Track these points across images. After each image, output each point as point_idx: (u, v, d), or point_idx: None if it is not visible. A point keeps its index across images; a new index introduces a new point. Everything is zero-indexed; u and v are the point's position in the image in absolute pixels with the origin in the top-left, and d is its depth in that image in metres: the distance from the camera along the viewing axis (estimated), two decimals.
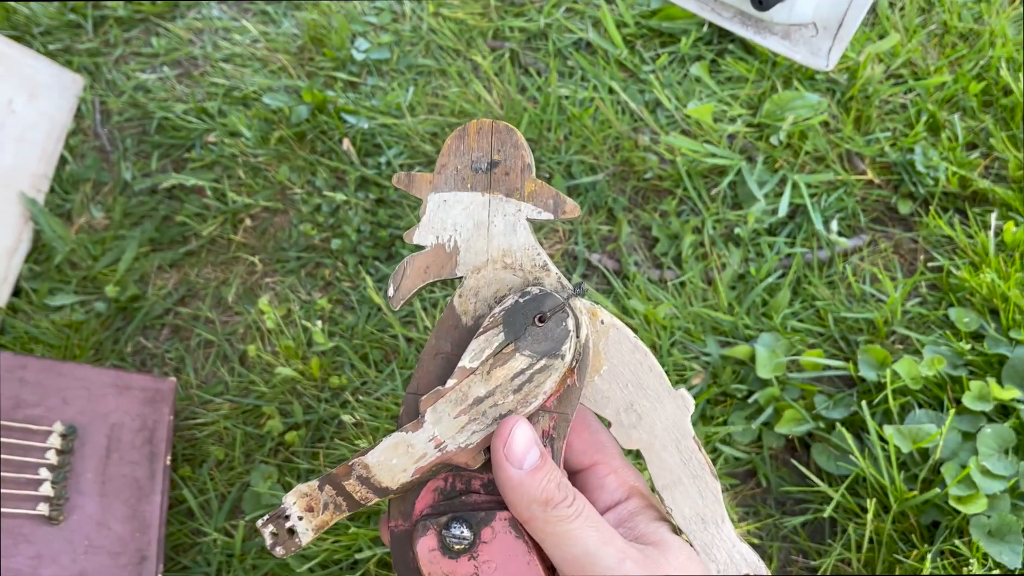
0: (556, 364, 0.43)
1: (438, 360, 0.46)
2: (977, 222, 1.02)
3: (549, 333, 0.43)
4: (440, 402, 0.43)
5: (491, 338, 0.43)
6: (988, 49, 1.15)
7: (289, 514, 0.44)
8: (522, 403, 0.43)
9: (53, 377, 0.89)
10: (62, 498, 0.83)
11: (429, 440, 0.43)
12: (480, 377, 0.43)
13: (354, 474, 0.44)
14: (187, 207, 1.15)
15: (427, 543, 0.42)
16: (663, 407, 0.46)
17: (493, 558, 0.42)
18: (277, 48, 1.28)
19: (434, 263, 0.47)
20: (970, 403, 0.86)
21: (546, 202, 0.47)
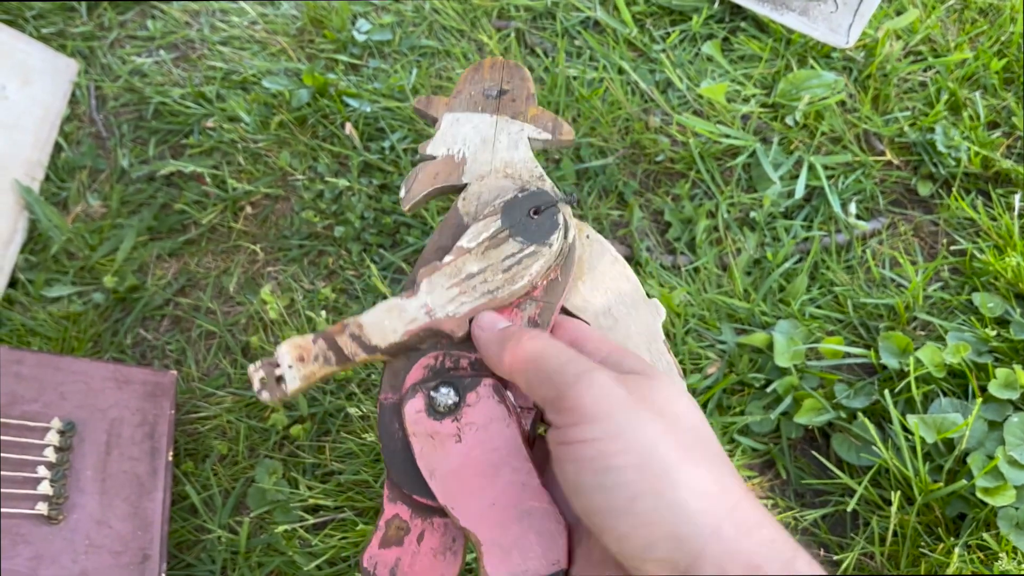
0: (543, 251, 0.47)
1: (439, 253, 0.50)
2: (1001, 203, 0.99)
3: (541, 225, 0.48)
4: (436, 274, 0.47)
5: (489, 224, 0.48)
6: (1009, 25, 1.11)
7: (280, 363, 0.46)
8: (509, 281, 0.47)
9: (51, 372, 0.86)
10: (61, 496, 0.80)
11: (421, 307, 0.47)
12: (475, 256, 0.47)
13: (347, 331, 0.47)
14: (186, 194, 1.12)
15: (415, 405, 0.44)
16: (638, 313, 0.51)
17: (475, 420, 0.44)
18: (276, 30, 1.25)
19: (443, 170, 0.53)
20: (996, 391, 0.84)
21: (546, 124, 0.54)
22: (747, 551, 0.34)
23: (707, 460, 0.37)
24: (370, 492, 0.88)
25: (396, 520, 0.46)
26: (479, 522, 0.42)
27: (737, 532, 0.35)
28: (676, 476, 0.36)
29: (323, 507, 0.88)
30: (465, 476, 0.43)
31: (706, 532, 0.34)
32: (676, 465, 0.36)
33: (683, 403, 0.40)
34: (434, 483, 0.43)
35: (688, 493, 0.35)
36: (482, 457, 0.43)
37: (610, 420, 0.37)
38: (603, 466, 0.37)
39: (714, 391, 0.90)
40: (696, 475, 0.36)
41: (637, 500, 0.35)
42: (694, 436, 0.38)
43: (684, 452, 0.37)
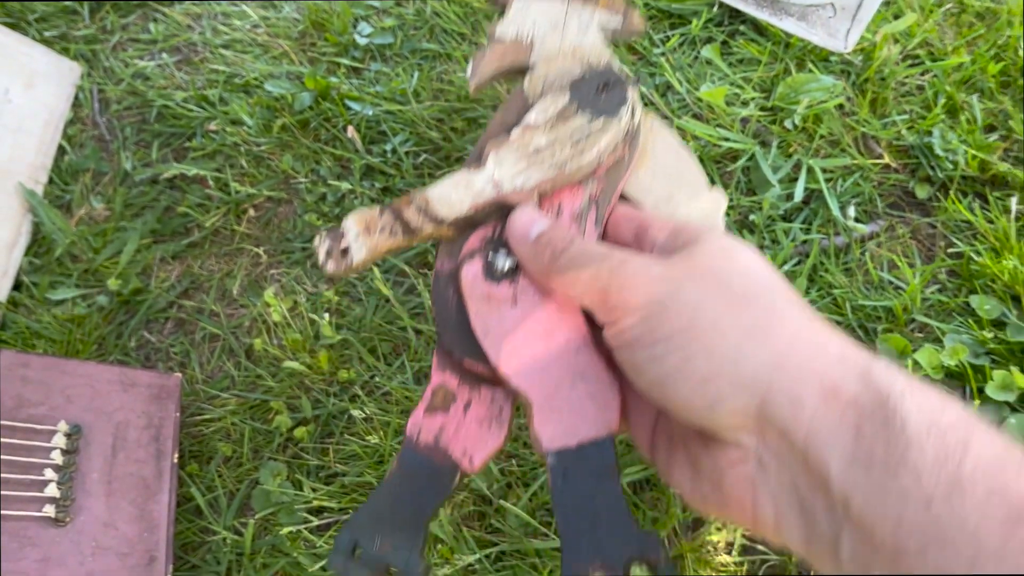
0: (612, 125, 0.47)
1: (505, 128, 0.49)
2: (998, 206, 1.00)
3: (609, 100, 0.47)
4: (503, 148, 0.47)
5: (557, 99, 0.48)
6: (1006, 29, 1.12)
7: (347, 234, 0.46)
8: (577, 155, 0.46)
9: (56, 375, 0.87)
10: (68, 499, 0.81)
11: (488, 180, 0.46)
12: (543, 130, 0.47)
13: (414, 204, 0.46)
14: (189, 197, 1.12)
15: (472, 268, 0.45)
16: (699, 201, 0.50)
17: (532, 284, 0.44)
18: (278, 33, 1.26)
19: (510, 52, 0.52)
20: (993, 393, 0.85)
21: (616, 11, 0.53)
22: (818, 372, 0.33)
23: (759, 302, 0.36)
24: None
25: (443, 389, 0.45)
26: (531, 383, 0.42)
27: (801, 359, 0.34)
28: (725, 325, 0.35)
29: (327, 509, 0.89)
30: (519, 338, 0.43)
31: (767, 368, 0.34)
32: (724, 315, 0.35)
33: (736, 254, 0.38)
34: (487, 343, 0.43)
35: (740, 337, 0.35)
36: (536, 321, 0.43)
37: (651, 301, 0.37)
38: (651, 340, 0.36)
39: None
40: (746, 318, 0.35)
41: (690, 360, 0.35)
42: (745, 284, 0.37)
43: (732, 302, 0.36)
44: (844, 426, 0.32)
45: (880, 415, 0.32)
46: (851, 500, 0.31)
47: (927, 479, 0.30)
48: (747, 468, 0.35)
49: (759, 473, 0.35)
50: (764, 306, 0.36)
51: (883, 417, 0.32)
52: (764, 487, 0.35)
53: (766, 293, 0.37)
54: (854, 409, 0.32)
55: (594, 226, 0.47)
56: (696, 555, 0.83)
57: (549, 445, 0.41)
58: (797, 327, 0.35)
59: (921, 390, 0.32)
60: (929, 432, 0.31)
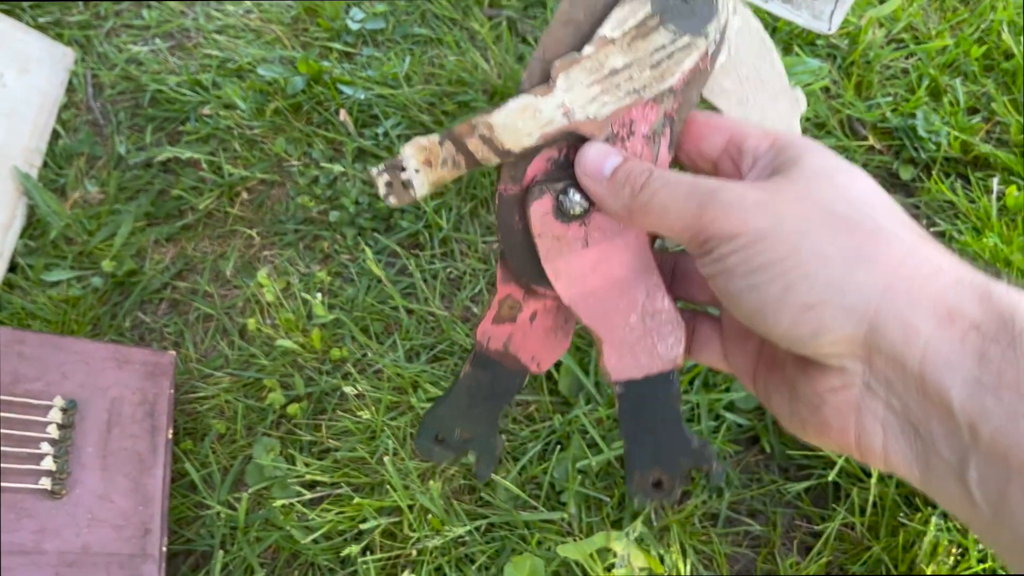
0: (698, 43, 0.42)
1: (569, 27, 0.44)
2: (979, 187, 1.01)
3: (696, 10, 0.42)
4: (575, 68, 0.42)
5: (636, 8, 0.41)
6: (989, 13, 1.14)
7: (406, 166, 0.43)
8: (657, 79, 0.42)
9: (52, 351, 0.88)
10: (64, 472, 0.82)
11: (558, 107, 0.42)
12: (619, 48, 0.41)
13: (477, 133, 0.43)
14: (183, 181, 1.14)
15: (542, 206, 0.42)
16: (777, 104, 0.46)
17: (603, 226, 0.42)
18: (271, 18, 1.27)
19: None
20: None
21: None
22: (932, 296, 0.32)
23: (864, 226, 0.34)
24: (366, 468, 0.90)
25: (509, 299, 0.46)
26: (602, 322, 0.43)
27: (912, 282, 0.32)
28: (829, 252, 0.33)
29: (320, 483, 0.90)
30: (590, 278, 0.43)
31: (875, 293, 0.32)
32: (827, 242, 0.33)
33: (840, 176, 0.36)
34: (559, 284, 0.43)
35: (845, 263, 0.33)
36: (607, 262, 0.43)
37: (748, 228, 0.35)
38: (749, 269, 0.35)
39: (700, 368, 0.92)
40: (852, 244, 0.33)
41: (791, 289, 0.33)
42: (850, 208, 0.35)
43: (836, 227, 0.34)
44: (966, 350, 0.31)
45: (1006, 338, 0.30)
46: (979, 426, 0.30)
47: None
48: (851, 394, 0.34)
49: (866, 399, 0.34)
50: (871, 230, 0.34)
51: (1009, 339, 0.30)
52: (871, 414, 0.34)
53: (873, 216, 0.34)
54: (976, 332, 0.31)
55: (667, 149, 0.44)
56: (682, 527, 0.85)
57: (618, 376, 0.43)
58: (907, 249, 0.33)
59: None
60: None
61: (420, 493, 0.86)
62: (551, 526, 0.86)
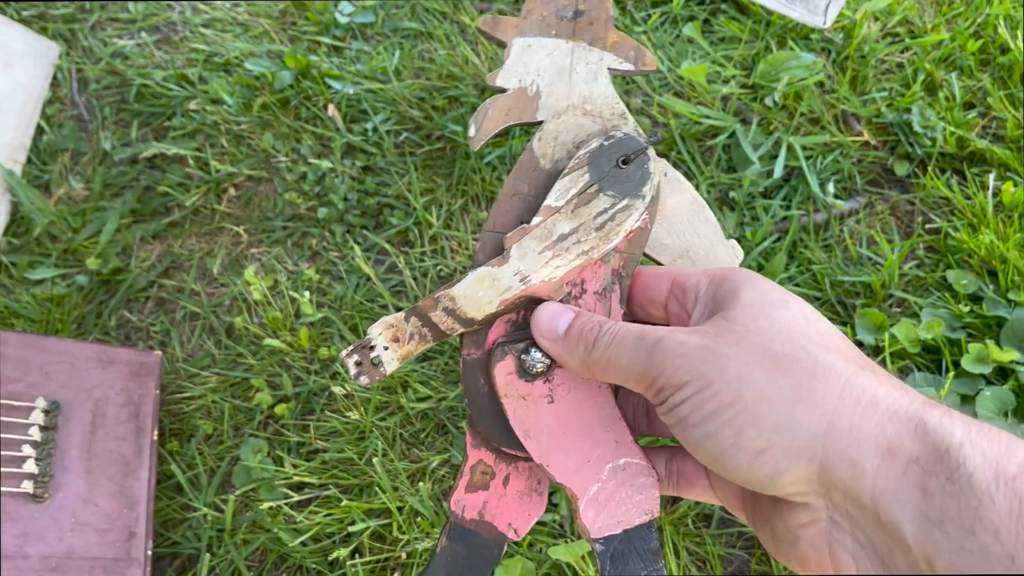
0: (637, 204, 0.45)
1: (515, 200, 0.47)
2: (975, 183, 1.00)
3: (632, 175, 0.45)
4: (525, 238, 0.45)
5: (576, 179, 0.45)
6: (985, 6, 1.12)
7: (375, 344, 0.45)
8: (603, 240, 0.45)
9: (35, 352, 0.86)
10: (46, 475, 0.81)
11: (514, 274, 0.45)
12: (565, 215, 0.45)
13: (440, 306, 0.45)
14: (169, 177, 1.12)
15: (505, 367, 0.44)
16: (716, 254, 0.49)
17: (567, 380, 0.44)
18: (258, 12, 1.25)
19: (515, 106, 0.48)
20: (969, 366, 0.85)
21: (627, 52, 0.48)
22: (871, 432, 0.33)
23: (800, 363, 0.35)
24: (354, 469, 0.89)
25: (481, 465, 0.46)
26: (575, 479, 0.44)
27: (852, 419, 0.33)
28: (770, 394, 0.35)
29: (308, 484, 0.89)
30: (559, 435, 0.44)
31: (819, 433, 0.34)
32: (767, 384, 0.35)
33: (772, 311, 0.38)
34: (529, 443, 0.44)
35: (786, 404, 0.34)
36: (575, 416, 0.44)
37: (693, 376, 0.36)
38: (701, 417, 0.36)
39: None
40: (789, 384, 0.35)
41: (741, 435, 0.35)
42: (785, 344, 0.36)
43: (773, 367, 0.35)
44: (909, 485, 0.32)
45: (944, 471, 0.31)
46: (933, 560, 0.31)
47: (1006, 535, 0.30)
48: (820, 528, 0.35)
49: (834, 532, 0.35)
50: (808, 366, 0.35)
51: (947, 473, 0.31)
52: (841, 546, 0.35)
53: (808, 350, 0.36)
54: (916, 466, 0.32)
55: (619, 303, 0.46)
56: (675, 528, 0.84)
57: (597, 534, 0.43)
58: (844, 383, 0.35)
59: (981, 434, 0.32)
60: (997, 483, 0.30)
61: (409, 495, 0.85)
62: (542, 528, 0.85)
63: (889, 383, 0.35)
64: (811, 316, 0.38)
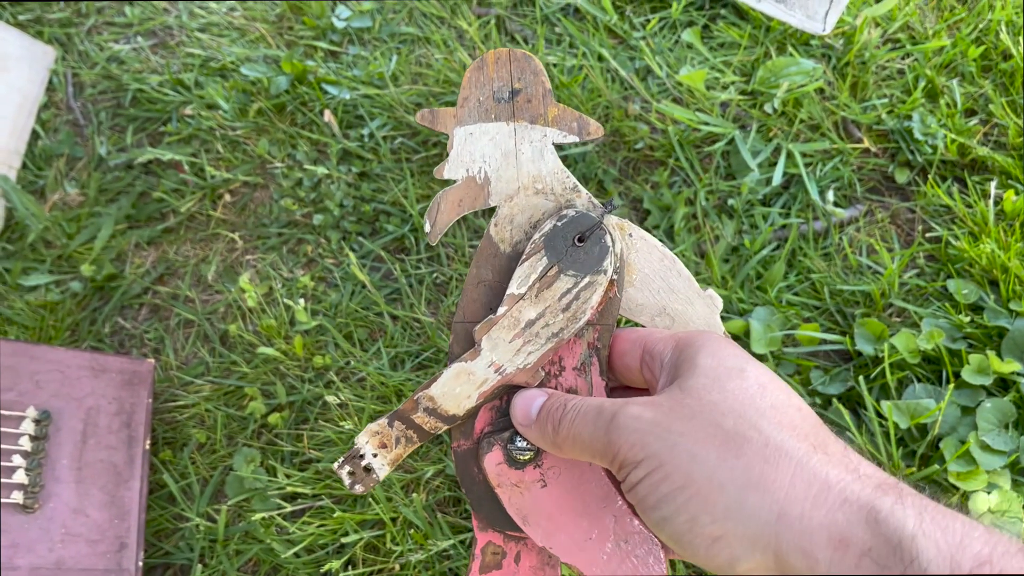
0: (599, 279, 0.45)
1: (481, 288, 0.48)
2: (976, 191, 0.99)
3: (589, 251, 0.45)
4: (494, 329, 0.45)
5: (535, 263, 0.45)
6: (987, 12, 1.11)
7: (363, 453, 0.47)
8: (571, 320, 0.45)
9: (25, 360, 0.86)
10: (37, 485, 0.80)
11: (488, 366, 0.45)
12: (529, 301, 0.45)
13: (421, 407, 0.46)
14: (164, 183, 1.11)
15: (493, 458, 0.45)
16: (694, 307, 0.49)
17: (557, 464, 0.45)
18: (255, 17, 1.24)
19: (467, 196, 0.48)
20: (969, 377, 0.84)
21: (570, 125, 0.48)
22: (823, 522, 0.33)
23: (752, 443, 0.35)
24: None
25: (491, 547, 0.47)
26: (580, 557, 0.44)
27: (803, 507, 0.33)
28: (722, 477, 0.35)
29: (301, 495, 0.88)
30: (557, 517, 0.45)
31: (771, 522, 0.33)
32: (718, 465, 0.35)
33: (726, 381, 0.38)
34: (529, 529, 0.45)
35: (738, 489, 0.34)
36: (571, 497, 0.45)
37: (647, 453, 0.37)
38: (656, 500, 0.36)
39: None
40: (740, 465, 0.35)
41: (696, 521, 0.35)
42: (737, 420, 0.36)
43: (724, 446, 0.35)
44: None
45: (897, 565, 0.31)
46: None
47: None
48: None
49: None
50: (758, 446, 0.35)
51: (900, 567, 0.31)
52: None
53: (760, 427, 0.36)
54: (869, 559, 0.32)
55: (600, 375, 0.46)
56: None
57: None
58: (794, 466, 0.34)
59: (935, 523, 0.32)
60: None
61: (403, 506, 0.84)
62: None
63: (842, 464, 0.35)
64: (767, 386, 0.38)
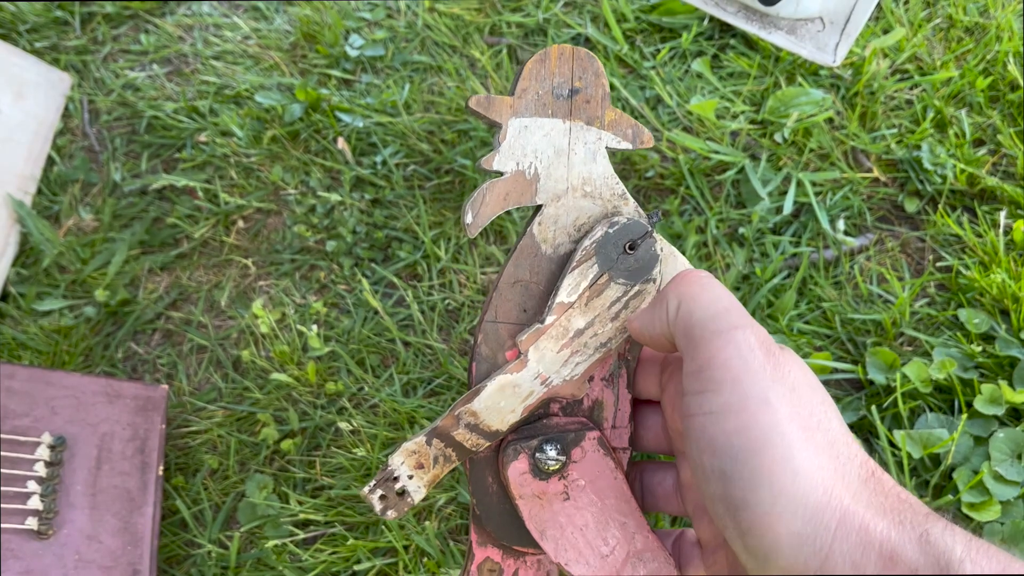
0: (649, 288, 0.44)
1: (517, 288, 0.46)
2: (986, 220, 1.00)
3: (640, 259, 0.44)
4: (542, 339, 0.44)
5: (586, 271, 0.44)
6: (994, 43, 1.13)
7: (398, 475, 0.44)
8: (620, 330, 0.44)
9: (41, 386, 0.86)
10: (51, 511, 0.80)
11: (535, 378, 0.44)
12: (579, 310, 0.44)
13: (462, 423, 0.44)
14: (178, 208, 1.12)
15: (518, 466, 0.43)
16: None
17: (582, 476, 0.43)
18: (269, 45, 1.26)
19: (514, 190, 0.47)
20: (982, 407, 0.84)
21: (625, 132, 0.47)
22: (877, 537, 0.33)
23: (829, 445, 0.35)
24: (361, 507, 0.88)
25: (488, 563, 0.45)
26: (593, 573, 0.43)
27: (863, 520, 0.33)
28: (797, 464, 0.34)
29: (313, 522, 0.88)
30: (576, 532, 0.43)
31: (831, 527, 0.33)
32: (798, 451, 0.34)
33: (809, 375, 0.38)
34: (546, 543, 0.43)
35: (809, 485, 0.34)
36: (592, 512, 0.43)
37: (736, 389, 0.35)
38: (723, 446, 0.35)
39: None
40: (817, 464, 0.34)
41: (757, 490, 0.34)
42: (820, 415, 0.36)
43: (807, 436, 0.35)
44: None
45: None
46: None
47: None
48: None
49: None
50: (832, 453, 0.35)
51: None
52: None
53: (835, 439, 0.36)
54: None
55: (626, 387, 0.45)
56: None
57: None
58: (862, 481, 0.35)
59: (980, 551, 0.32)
60: None
61: (416, 533, 0.84)
62: None
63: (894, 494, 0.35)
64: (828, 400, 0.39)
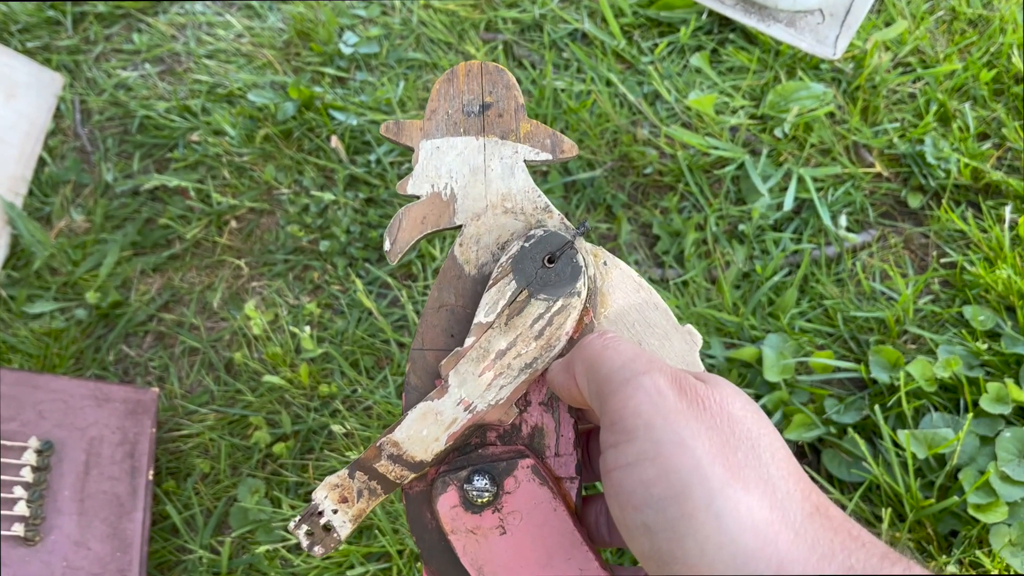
0: (573, 302, 0.42)
1: (442, 313, 0.44)
2: (991, 215, 0.98)
3: (561, 272, 0.42)
4: (462, 363, 0.41)
5: (503, 288, 0.42)
6: (998, 36, 1.11)
7: (323, 510, 0.42)
8: (545, 348, 0.41)
9: (28, 390, 0.85)
10: (38, 517, 0.79)
11: (457, 403, 0.41)
12: (499, 330, 0.42)
13: (384, 454, 0.41)
14: (170, 209, 1.11)
15: (448, 500, 0.40)
16: (671, 343, 0.45)
17: (518, 508, 0.41)
18: (262, 43, 1.24)
19: (431, 213, 0.45)
20: (988, 406, 0.83)
21: (543, 142, 0.45)
22: None
23: (761, 480, 0.32)
24: None
25: None
26: None
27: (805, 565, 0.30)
28: (720, 507, 0.31)
29: None
30: (517, 568, 0.40)
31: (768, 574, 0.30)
32: (720, 493, 0.32)
33: (739, 404, 0.35)
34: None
35: (739, 528, 0.31)
36: (532, 546, 0.40)
37: (649, 434, 0.33)
38: (643, 497, 0.33)
39: None
40: (748, 503, 0.32)
41: (683, 542, 0.32)
42: (748, 448, 0.33)
43: (732, 474, 0.32)
44: None
45: None
46: None
47: None
48: None
49: None
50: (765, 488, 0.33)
51: None
52: None
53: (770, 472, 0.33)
54: None
55: (567, 412, 0.43)
56: None
57: None
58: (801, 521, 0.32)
59: None
60: None
61: (409, 538, 0.83)
62: None
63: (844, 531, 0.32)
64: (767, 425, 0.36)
